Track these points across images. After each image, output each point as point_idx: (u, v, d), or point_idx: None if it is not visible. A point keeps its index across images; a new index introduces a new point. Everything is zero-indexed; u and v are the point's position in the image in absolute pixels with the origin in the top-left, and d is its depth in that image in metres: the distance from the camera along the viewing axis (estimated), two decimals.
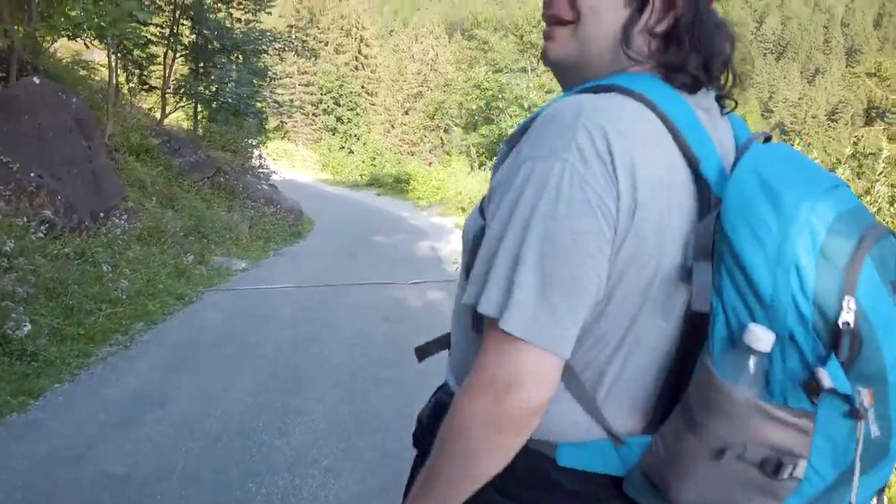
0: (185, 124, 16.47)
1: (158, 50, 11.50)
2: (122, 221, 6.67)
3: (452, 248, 13.49)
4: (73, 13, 6.78)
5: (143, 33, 11.58)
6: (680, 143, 0.73)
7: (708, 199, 0.74)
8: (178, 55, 11.69)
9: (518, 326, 0.68)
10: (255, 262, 9.28)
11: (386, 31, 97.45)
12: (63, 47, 12.71)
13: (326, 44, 44.03)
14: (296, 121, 42.34)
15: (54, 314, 4.67)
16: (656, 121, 0.73)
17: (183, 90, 11.28)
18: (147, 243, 7.06)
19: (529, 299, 0.68)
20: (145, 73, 12.49)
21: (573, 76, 0.83)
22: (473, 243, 0.78)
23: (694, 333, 0.74)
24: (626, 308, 0.73)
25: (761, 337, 0.65)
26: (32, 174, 5.67)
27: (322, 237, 13.10)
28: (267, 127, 42.01)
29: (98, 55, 11.56)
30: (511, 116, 26.78)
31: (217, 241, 9.05)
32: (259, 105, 12.06)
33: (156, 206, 8.53)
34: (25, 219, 5.20)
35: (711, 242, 0.70)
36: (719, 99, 0.85)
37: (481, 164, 23.99)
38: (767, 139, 0.83)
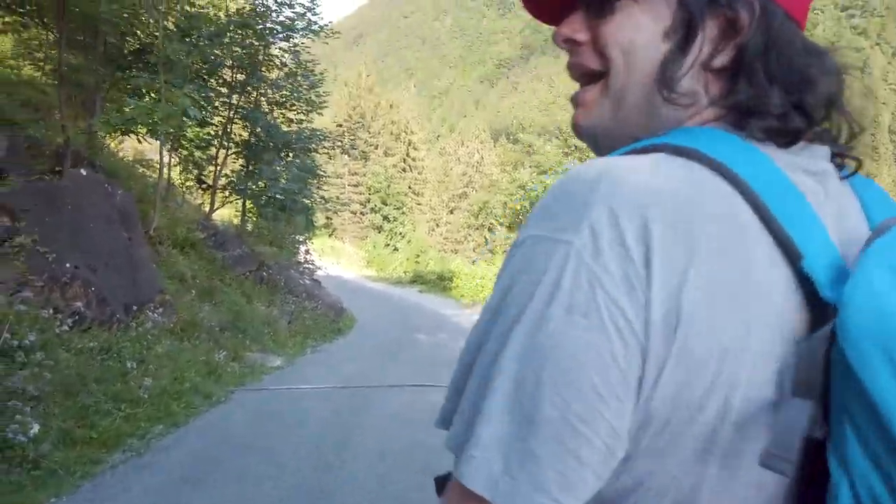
0: (236, 219, 16.89)
1: (211, 148, 11.88)
2: (156, 315, 6.46)
3: None
4: (128, 110, 6.94)
5: (203, 135, 12.06)
6: (768, 226, 0.51)
7: (817, 306, 0.51)
8: (229, 152, 12.02)
9: (476, 478, 0.48)
10: (292, 359, 8.92)
11: (433, 136, 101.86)
12: (130, 147, 13.35)
13: (376, 147, 46.11)
14: (343, 218, 43.69)
15: (68, 414, 4.33)
16: (727, 191, 0.51)
17: (232, 186, 11.49)
18: (180, 338, 6.79)
19: (495, 441, 0.49)
20: (204, 173, 12.88)
21: (614, 146, 0.61)
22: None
23: None
24: (679, 467, 0.50)
25: None
26: (68, 265, 5.55)
27: (362, 334, 12.74)
28: (315, 223, 43.40)
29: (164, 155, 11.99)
30: None
31: (254, 336, 8.77)
32: (306, 202, 12.17)
33: (194, 299, 8.37)
34: (53, 310, 5.00)
35: (821, 373, 0.48)
36: (835, 156, 0.61)
37: None
38: None
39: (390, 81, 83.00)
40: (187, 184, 12.94)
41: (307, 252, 20.33)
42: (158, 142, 8.87)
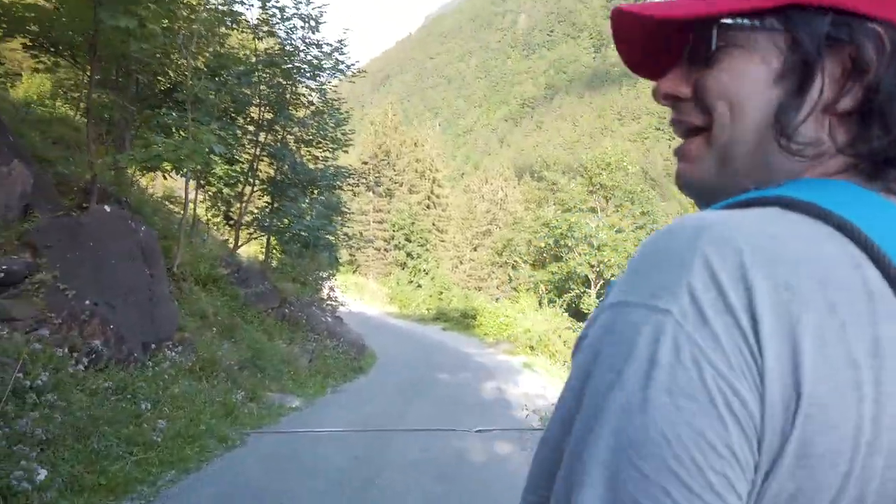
0: (261, 255, 16.96)
1: (238, 185, 11.98)
2: (174, 353, 6.34)
3: (522, 390, 12.56)
4: (154, 146, 6.97)
5: (231, 172, 12.17)
6: None
7: None
8: (255, 189, 12.09)
9: None
10: (311, 399, 8.72)
11: (458, 174, 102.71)
12: (161, 185, 13.53)
13: (401, 184, 46.58)
14: (367, 255, 43.92)
15: (77, 458, 4.18)
16: (852, 255, 0.45)
17: (257, 222, 11.52)
18: (198, 377, 6.66)
19: None
20: (232, 209, 12.98)
21: (720, 200, 0.54)
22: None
23: None
24: None
25: None
26: (87, 301, 5.48)
27: (384, 373, 12.51)
28: (339, 260, 43.75)
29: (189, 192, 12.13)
30: (580, 255, 26.63)
31: (273, 375, 8.61)
32: (330, 238, 12.14)
33: (215, 337, 8.27)
34: (68, 349, 4.90)
35: None
36: None
37: (550, 301, 23.40)
38: None
39: (415, 120, 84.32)
40: (214, 220, 13.03)
41: (331, 289, 20.32)
42: (183, 176, 8.92)
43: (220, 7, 10.50)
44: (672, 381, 0.41)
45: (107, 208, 6.13)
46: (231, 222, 13.03)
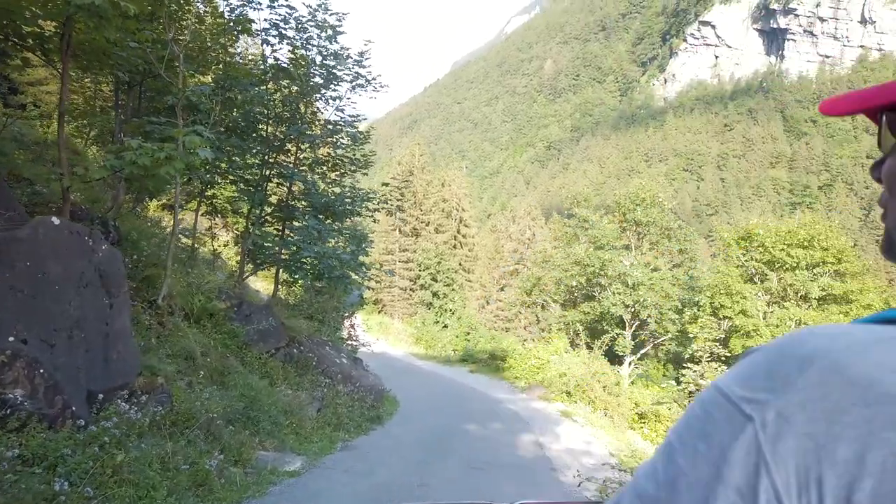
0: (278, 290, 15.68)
1: (243, 205, 10.75)
2: (132, 406, 4.95)
3: (564, 445, 10.88)
4: (128, 151, 5.75)
5: (234, 192, 11.00)
6: None
7: None
8: (263, 214, 10.85)
9: None
10: (315, 459, 7.23)
11: (484, 216, 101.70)
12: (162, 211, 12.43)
13: (427, 223, 45.85)
14: (393, 295, 42.75)
15: None
16: None
17: (264, 250, 10.20)
18: (165, 436, 5.23)
19: None
20: (237, 235, 11.78)
21: None
22: None
23: None
24: None
25: None
26: (11, 338, 4.15)
27: (404, 423, 10.95)
28: (363, 297, 42.51)
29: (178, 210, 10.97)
30: (614, 294, 24.98)
31: (269, 429, 7.16)
32: (352, 274, 10.73)
33: (201, 381, 6.89)
34: None
35: None
36: None
37: (588, 346, 21.69)
38: None
39: (442, 161, 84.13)
40: (222, 248, 11.82)
41: (352, 326, 18.85)
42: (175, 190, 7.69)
43: (227, 13, 9.49)
44: (738, 482, 0.44)
45: (55, 220, 4.86)
46: (243, 250, 11.80)
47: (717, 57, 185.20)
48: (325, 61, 10.33)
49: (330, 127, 11.28)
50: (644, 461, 0.51)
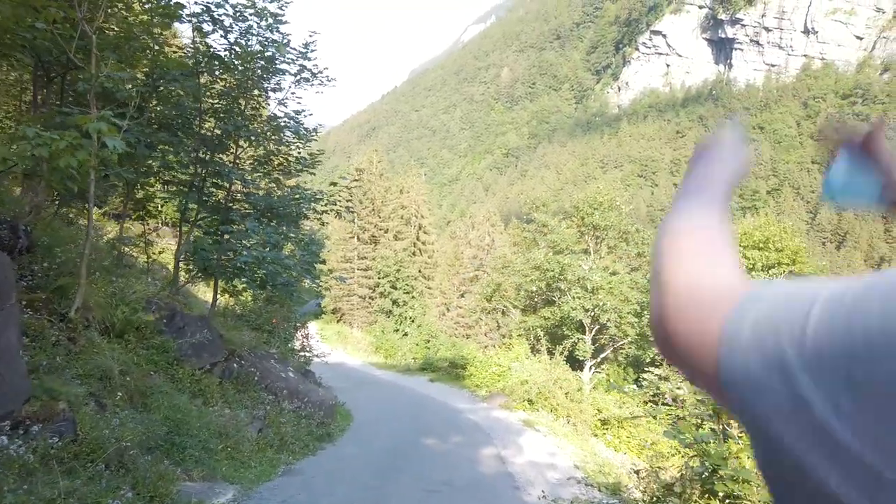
0: (230, 300, 14.66)
1: (168, 207, 9.86)
2: (12, 439, 4.14)
3: (528, 458, 10.29)
4: (20, 142, 4.93)
5: (166, 192, 10.11)
6: None
7: None
8: (198, 218, 9.98)
9: None
10: (250, 487, 6.45)
11: (444, 222, 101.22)
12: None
13: (386, 231, 45.16)
14: (352, 304, 41.72)
15: None
16: None
17: (197, 256, 9.34)
18: (62, 472, 4.42)
19: None
20: (168, 240, 10.85)
21: None
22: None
23: None
24: None
25: None
26: None
27: (357, 441, 10.21)
28: (322, 307, 41.28)
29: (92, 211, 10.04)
30: (573, 298, 24.73)
31: (198, 456, 6.35)
32: (290, 276, 9.96)
33: (118, 403, 6.06)
34: None
35: None
36: None
37: (549, 352, 21.23)
38: None
39: (401, 168, 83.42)
40: (153, 255, 10.90)
41: (305, 337, 17.91)
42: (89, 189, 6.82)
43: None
44: None
45: None
46: (180, 256, 10.90)
47: (668, 65, 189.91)
48: (265, 52, 9.58)
49: (273, 123, 10.50)
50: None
